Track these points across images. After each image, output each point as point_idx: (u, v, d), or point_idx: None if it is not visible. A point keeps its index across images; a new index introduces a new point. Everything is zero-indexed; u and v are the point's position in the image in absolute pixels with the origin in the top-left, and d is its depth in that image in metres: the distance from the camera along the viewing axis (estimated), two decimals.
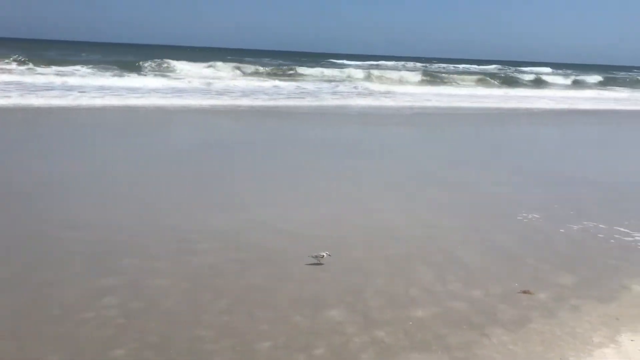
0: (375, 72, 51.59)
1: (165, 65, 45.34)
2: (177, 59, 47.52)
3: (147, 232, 8.38)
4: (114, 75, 36.29)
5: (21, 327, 5.46)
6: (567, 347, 5.46)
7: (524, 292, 6.71)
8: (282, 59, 78.29)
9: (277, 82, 39.43)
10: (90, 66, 39.08)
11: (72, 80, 31.41)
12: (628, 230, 9.24)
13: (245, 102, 28.03)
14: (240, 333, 5.49)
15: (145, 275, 6.75)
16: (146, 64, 44.81)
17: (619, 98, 45.28)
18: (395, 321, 5.87)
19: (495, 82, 52.76)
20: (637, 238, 8.90)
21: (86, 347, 5.14)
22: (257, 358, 5.09)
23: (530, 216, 9.86)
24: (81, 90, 27.63)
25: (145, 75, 39.73)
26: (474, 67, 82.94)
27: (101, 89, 28.96)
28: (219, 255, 7.50)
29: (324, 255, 7.28)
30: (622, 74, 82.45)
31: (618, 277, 7.28)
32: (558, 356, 5.28)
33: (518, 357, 5.25)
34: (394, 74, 50.97)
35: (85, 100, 24.36)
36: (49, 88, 27.66)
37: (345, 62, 79.23)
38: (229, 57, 62.90)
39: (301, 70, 49.80)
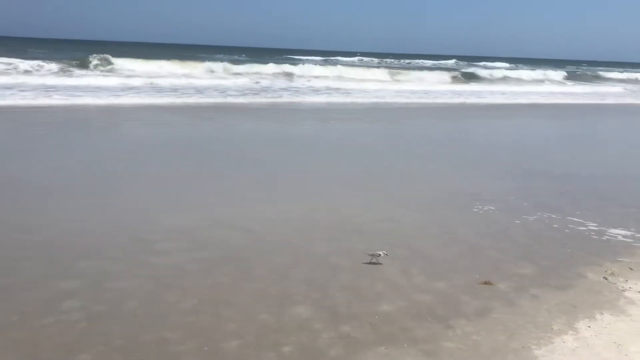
0: (331, 68, 51.54)
1: (114, 62, 43.95)
2: (127, 56, 46.16)
3: (106, 233, 8.16)
4: (61, 72, 35.21)
5: None
6: (528, 335, 5.62)
7: (485, 282, 6.88)
8: (237, 55, 77.78)
9: (231, 79, 39.04)
10: (38, 61, 37.60)
11: (11, 79, 30.05)
12: (581, 220, 9.58)
13: (198, 99, 27.62)
14: (207, 333, 5.43)
15: (106, 277, 6.59)
16: (95, 61, 43.33)
17: (575, 92, 46.75)
18: (362, 316, 5.92)
19: (453, 77, 53.38)
20: (590, 227, 9.24)
21: (49, 353, 4.98)
22: (225, 358, 5.05)
23: (486, 208, 10.10)
24: (22, 88, 26.51)
25: (93, 72, 38.63)
26: (431, 63, 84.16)
27: (47, 87, 27.98)
28: (182, 255, 7.39)
29: (380, 254, 7.29)
30: (570, 68, 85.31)
31: (574, 266, 7.55)
32: (520, 345, 5.43)
33: (482, 347, 5.37)
34: (350, 70, 50.98)
35: (30, 100, 23.39)
36: None
37: (301, 57, 79.29)
38: (181, 54, 62.07)
39: (256, 66, 49.32)
